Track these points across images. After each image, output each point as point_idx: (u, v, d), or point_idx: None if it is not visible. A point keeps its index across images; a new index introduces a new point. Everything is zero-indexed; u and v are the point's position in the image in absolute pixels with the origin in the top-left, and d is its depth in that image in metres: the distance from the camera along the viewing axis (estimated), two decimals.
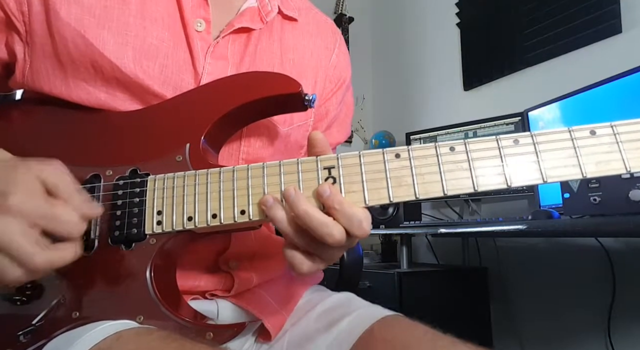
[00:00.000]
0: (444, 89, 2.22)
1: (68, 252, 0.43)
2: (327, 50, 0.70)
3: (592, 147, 0.42)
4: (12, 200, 0.40)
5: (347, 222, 0.44)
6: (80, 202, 0.44)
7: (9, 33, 0.56)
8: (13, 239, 0.39)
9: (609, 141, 0.42)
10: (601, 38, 1.54)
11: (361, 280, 1.58)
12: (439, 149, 0.45)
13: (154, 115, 0.55)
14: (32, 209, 0.40)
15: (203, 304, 0.59)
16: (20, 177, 0.42)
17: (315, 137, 0.48)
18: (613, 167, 0.41)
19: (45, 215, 0.41)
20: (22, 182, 0.41)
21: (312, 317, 0.62)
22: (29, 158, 0.44)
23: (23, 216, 0.40)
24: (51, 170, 0.43)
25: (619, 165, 0.41)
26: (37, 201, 0.41)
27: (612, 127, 0.42)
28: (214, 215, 0.48)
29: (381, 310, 0.59)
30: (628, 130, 0.42)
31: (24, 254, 0.40)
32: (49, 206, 0.42)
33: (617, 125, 0.42)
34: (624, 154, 0.41)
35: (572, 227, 1.01)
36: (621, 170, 0.41)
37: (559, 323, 1.64)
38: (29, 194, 0.41)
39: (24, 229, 0.40)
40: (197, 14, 0.59)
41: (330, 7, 2.57)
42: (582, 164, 0.42)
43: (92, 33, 0.54)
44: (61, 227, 0.42)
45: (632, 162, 0.41)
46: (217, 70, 0.58)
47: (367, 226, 0.44)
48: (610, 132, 0.42)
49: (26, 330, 0.46)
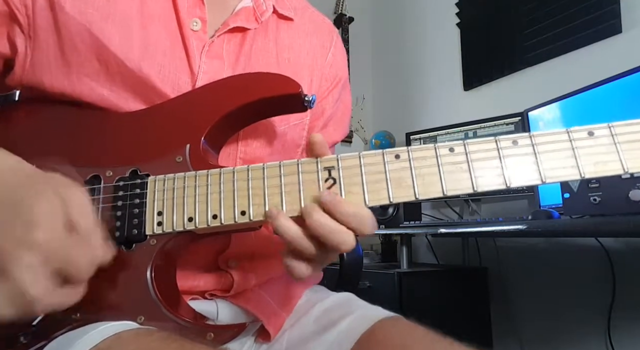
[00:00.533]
0: (444, 89, 2.22)
1: (74, 297, 0.40)
2: (323, 48, 0.70)
3: (590, 148, 0.42)
4: (37, 235, 0.36)
5: (353, 224, 0.44)
6: (95, 245, 0.40)
7: (11, 26, 0.55)
8: (23, 280, 0.36)
9: (607, 142, 0.42)
10: (601, 38, 1.54)
11: (361, 280, 1.58)
12: (439, 150, 0.45)
13: (153, 116, 0.55)
14: (53, 250, 0.37)
15: (202, 304, 0.59)
16: (47, 205, 0.38)
17: (313, 140, 0.47)
18: (611, 167, 0.42)
19: (62, 258, 0.37)
20: (48, 214, 0.37)
21: (312, 318, 0.62)
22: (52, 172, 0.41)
23: (42, 255, 0.36)
24: (76, 201, 0.39)
25: (617, 166, 0.42)
26: (59, 241, 0.37)
27: (610, 128, 0.42)
28: (214, 216, 0.48)
29: (381, 311, 0.59)
30: (625, 131, 0.42)
31: (29, 298, 0.36)
32: (68, 248, 0.38)
33: (615, 126, 0.42)
34: (622, 154, 0.41)
35: (572, 227, 1.01)
36: (619, 171, 0.42)
37: (559, 323, 1.64)
38: (53, 229, 0.37)
39: (38, 272, 0.36)
40: (193, 13, 0.59)
41: (330, 7, 2.57)
42: (580, 164, 0.42)
43: (97, 27, 0.54)
44: (73, 272, 0.38)
45: (630, 162, 0.41)
46: (212, 70, 0.58)
47: (371, 224, 0.45)
48: (607, 133, 0.42)
49: (26, 331, 0.46)
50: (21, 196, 0.38)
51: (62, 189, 0.39)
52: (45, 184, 0.39)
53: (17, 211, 0.37)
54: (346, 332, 0.55)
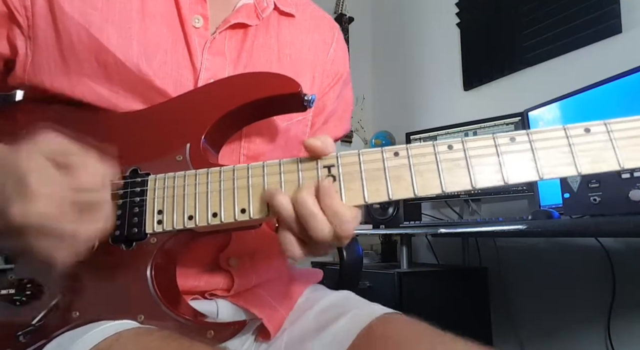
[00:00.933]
0: (444, 89, 2.22)
1: (105, 219, 0.42)
2: (325, 44, 0.71)
3: (587, 145, 0.43)
4: (32, 184, 0.38)
5: (332, 219, 0.43)
6: (95, 166, 0.42)
7: (11, 27, 0.55)
8: (53, 220, 0.38)
9: (603, 139, 0.42)
10: (601, 38, 1.54)
11: (361, 280, 1.58)
12: (437, 147, 0.45)
13: (154, 115, 0.55)
14: (55, 186, 0.39)
15: (203, 304, 0.59)
16: (29, 161, 0.40)
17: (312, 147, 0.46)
18: (607, 164, 0.42)
19: (70, 188, 0.40)
20: (32, 164, 0.39)
21: (311, 316, 0.62)
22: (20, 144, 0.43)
23: (50, 196, 0.39)
24: (52, 144, 0.42)
25: (613, 162, 0.42)
26: (56, 177, 0.40)
27: (606, 125, 0.43)
28: (214, 214, 0.48)
29: (380, 308, 0.59)
30: (621, 127, 0.42)
31: (69, 231, 0.39)
32: (70, 179, 0.40)
33: (611, 123, 0.43)
34: (618, 151, 0.42)
35: (572, 227, 1.01)
36: (615, 167, 0.42)
37: (559, 323, 1.64)
38: (45, 173, 0.39)
39: (57, 208, 0.39)
40: (194, 10, 0.59)
41: (330, 7, 2.57)
42: (577, 161, 0.42)
43: (96, 27, 0.54)
44: (88, 195, 0.41)
45: (626, 158, 0.42)
46: (214, 66, 0.58)
47: (349, 227, 0.43)
48: (604, 129, 0.43)
49: (26, 330, 0.46)
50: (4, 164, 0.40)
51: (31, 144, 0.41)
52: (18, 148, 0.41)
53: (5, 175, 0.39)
54: (345, 328, 0.56)
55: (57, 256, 0.40)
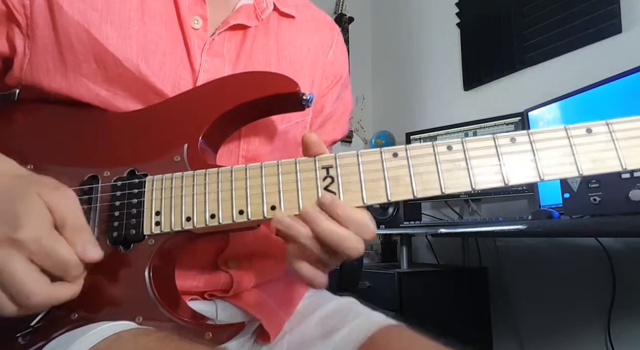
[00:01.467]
0: (444, 89, 2.22)
1: (65, 293, 0.42)
2: (325, 46, 0.70)
3: (588, 145, 0.42)
4: (21, 234, 0.39)
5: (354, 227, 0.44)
6: (84, 244, 0.43)
7: (10, 26, 0.55)
8: (16, 276, 0.39)
9: (605, 139, 0.42)
10: (601, 38, 1.54)
11: (361, 280, 1.58)
12: (437, 147, 0.45)
13: (151, 115, 0.55)
14: (37, 244, 0.40)
15: (202, 305, 0.59)
16: (31, 206, 0.41)
17: (308, 140, 0.47)
18: (609, 164, 0.42)
19: (47, 254, 0.40)
20: (33, 213, 0.40)
21: (312, 323, 0.61)
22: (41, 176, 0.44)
23: (29, 252, 0.39)
24: (61, 201, 0.42)
25: (615, 163, 0.41)
26: (43, 237, 0.40)
27: (608, 125, 0.42)
28: (212, 215, 0.48)
29: (382, 318, 0.59)
30: (623, 128, 0.42)
31: (23, 292, 0.39)
32: (55, 245, 0.41)
33: (613, 123, 0.42)
34: (620, 151, 0.41)
35: (572, 227, 1.01)
36: (617, 168, 0.41)
37: (559, 323, 1.64)
38: (40, 229, 0.40)
39: (27, 267, 0.39)
40: (194, 11, 0.59)
41: (330, 7, 2.57)
42: (579, 161, 0.42)
43: (95, 27, 0.54)
44: (59, 268, 0.41)
45: (628, 159, 0.41)
46: (213, 68, 0.58)
47: (372, 229, 0.45)
48: (605, 130, 0.42)
49: (24, 331, 0.46)
50: (8, 198, 0.41)
51: (49, 190, 0.42)
52: (34, 185, 0.42)
53: (4, 212, 0.40)
54: (347, 338, 0.55)
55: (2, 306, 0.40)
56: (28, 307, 0.40)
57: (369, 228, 0.44)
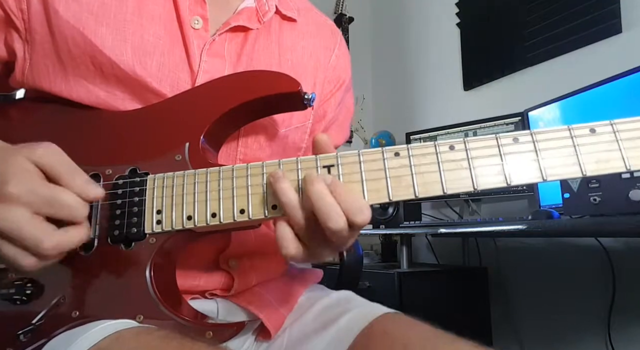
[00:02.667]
0: (444, 89, 2.22)
1: (76, 235, 0.43)
2: (327, 50, 0.70)
3: (592, 146, 0.42)
4: (11, 188, 0.40)
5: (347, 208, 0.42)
6: (81, 184, 0.44)
7: (9, 31, 0.56)
8: (20, 226, 0.40)
9: (609, 139, 0.41)
10: (601, 38, 1.54)
11: (361, 280, 1.58)
12: (439, 147, 0.44)
13: (153, 114, 0.55)
14: (33, 195, 0.41)
15: (203, 304, 0.59)
16: (17, 164, 0.42)
17: (318, 140, 0.47)
18: (613, 165, 0.41)
19: (46, 201, 0.41)
20: (18, 169, 0.41)
21: (311, 315, 0.62)
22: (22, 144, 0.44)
23: (25, 204, 0.40)
24: (47, 153, 0.43)
25: (619, 164, 0.41)
26: (37, 187, 0.41)
27: (612, 125, 0.42)
28: (213, 214, 0.48)
29: (380, 307, 0.59)
30: (628, 128, 0.42)
31: (33, 240, 0.40)
32: (50, 192, 0.42)
33: (617, 123, 0.42)
34: (624, 152, 0.41)
35: (572, 227, 1.01)
36: (621, 169, 0.41)
37: (559, 323, 1.64)
38: (27, 180, 0.41)
39: (29, 216, 0.40)
40: (194, 11, 0.59)
41: (330, 7, 2.57)
42: (582, 162, 0.41)
43: (90, 30, 0.54)
44: (64, 212, 0.42)
45: (632, 160, 0.41)
46: (213, 68, 0.58)
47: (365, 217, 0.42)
48: (610, 130, 0.42)
49: (26, 329, 0.46)
50: None
51: (32, 148, 0.43)
52: (18, 149, 0.43)
53: None
54: (346, 328, 0.55)
55: (20, 263, 0.41)
56: (44, 255, 0.41)
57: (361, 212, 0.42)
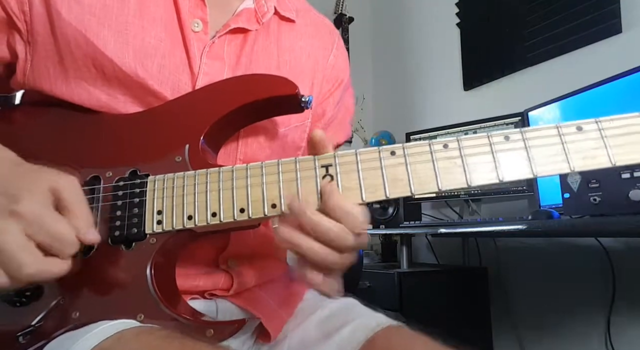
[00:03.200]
0: (444, 89, 2.22)
1: (56, 268, 0.43)
2: (325, 50, 0.70)
3: (579, 143, 0.43)
4: (22, 206, 0.40)
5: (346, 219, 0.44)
6: (82, 225, 0.44)
7: (11, 33, 0.56)
8: (9, 245, 0.40)
9: (595, 136, 0.43)
10: (601, 38, 1.54)
11: (361, 280, 1.58)
12: (433, 146, 0.46)
13: (153, 117, 0.55)
14: (37, 221, 0.41)
15: (202, 304, 0.59)
16: (35, 185, 0.42)
17: (315, 138, 0.48)
18: (599, 161, 0.43)
19: (47, 231, 0.41)
20: (35, 191, 0.42)
21: (313, 323, 0.61)
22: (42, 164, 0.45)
23: (25, 224, 0.40)
24: (65, 183, 0.44)
25: (605, 160, 0.43)
26: (44, 214, 0.42)
27: (597, 123, 0.44)
28: (213, 213, 0.48)
29: (383, 319, 0.59)
30: (612, 125, 0.43)
31: (15, 262, 0.40)
32: (53, 222, 0.42)
33: (602, 121, 0.44)
34: (609, 149, 0.43)
35: (572, 227, 1.01)
36: (607, 164, 0.43)
37: (558, 323, 1.64)
38: (39, 204, 0.42)
39: (21, 238, 0.40)
40: (194, 14, 0.59)
41: (330, 7, 2.57)
42: (570, 158, 0.43)
43: (92, 32, 0.54)
44: (56, 245, 0.42)
45: (617, 156, 0.43)
46: (213, 71, 0.58)
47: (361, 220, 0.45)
48: (595, 127, 0.44)
49: (26, 331, 0.46)
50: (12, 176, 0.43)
51: (53, 174, 0.44)
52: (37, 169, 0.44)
53: (7, 187, 0.42)
54: (348, 339, 0.55)
55: None
56: (19, 279, 0.41)
57: (356, 219, 0.44)
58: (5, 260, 0.40)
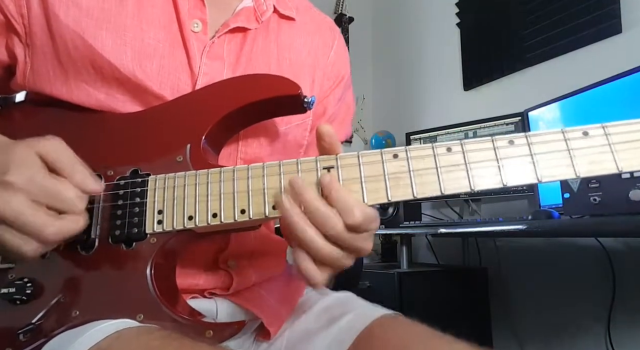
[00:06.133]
0: (444, 89, 2.22)
1: (75, 222, 0.44)
2: (325, 47, 0.70)
3: (585, 149, 0.43)
4: (12, 177, 0.41)
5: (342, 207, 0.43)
6: (81, 179, 0.45)
7: (9, 35, 0.56)
8: (22, 213, 0.41)
9: (601, 142, 0.43)
10: (601, 38, 1.54)
11: (361, 280, 1.59)
12: (436, 149, 0.45)
13: (154, 116, 0.55)
14: (32, 185, 0.41)
15: (202, 303, 0.59)
16: (19, 154, 0.42)
17: (321, 131, 0.47)
18: (605, 167, 0.42)
19: (46, 192, 0.42)
20: (22, 159, 0.42)
21: (312, 315, 0.62)
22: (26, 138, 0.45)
23: (24, 192, 0.41)
24: (50, 145, 0.44)
25: (611, 166, 0.42)
26: (37, 177, 0.42)
27: (604, 128, 0.43)
28: (214, 214, 0.48)
29: (380, 309, 0.59)
30: (619, 131, 0.43)
31: (35, 226, 0.41)
32: (50, 183, 0.42)
33: (608, 126, 0.43)
34: (616, 154, 0.42)
35: (572, 227, 1.01)
36: (613, 170, 0.42)
37: (558, 323, 1.64)
38: (29, 170, 0.42)
39: (28, 204, 0.41)
40: (193, 14, 0.59)
41: (330, 7, 2.58)
42: (575, 164, 0.43)
43: (90, 34, 0.54)
44: (62, 204, 0.43)
45: (624, 162, 0.42)
46: (213, 71, 0.58)
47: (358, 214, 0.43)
48: (602, 133, 0.43)
49: (26, 329, 0.46)
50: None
51: (37, 140, 0.44)
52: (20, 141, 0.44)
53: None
54: (346, 329, 0.56)
55: (23, 249, 0.42)
56: (46, 240, 0.42)
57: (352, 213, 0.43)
58: (27, 229, 0.41)
